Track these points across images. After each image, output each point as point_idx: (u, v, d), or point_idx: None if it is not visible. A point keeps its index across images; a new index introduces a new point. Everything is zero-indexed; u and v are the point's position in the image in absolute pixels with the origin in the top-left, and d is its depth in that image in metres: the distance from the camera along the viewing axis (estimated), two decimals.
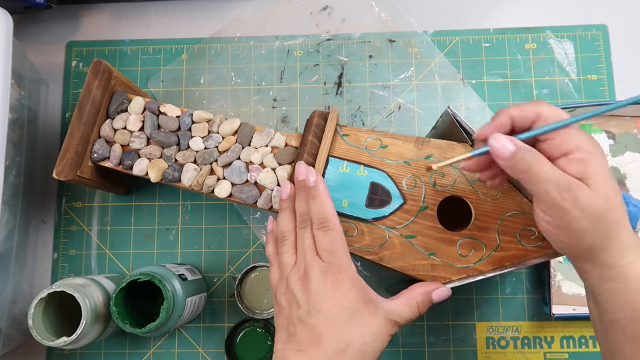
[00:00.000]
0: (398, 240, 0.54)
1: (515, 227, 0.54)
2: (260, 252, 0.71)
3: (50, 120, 0.75)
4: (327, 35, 0.76)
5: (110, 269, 0.71)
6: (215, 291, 0.70)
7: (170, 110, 0.62)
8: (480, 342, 0.68)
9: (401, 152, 0.56)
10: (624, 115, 0.69)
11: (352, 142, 0.57)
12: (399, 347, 0.68)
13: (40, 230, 0.73)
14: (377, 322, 0.48)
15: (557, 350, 0.67)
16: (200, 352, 0.69)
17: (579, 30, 0.74)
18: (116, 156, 0.62)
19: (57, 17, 0.78)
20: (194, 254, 0.71)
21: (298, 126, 0.73)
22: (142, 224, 0.72)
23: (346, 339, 0.46)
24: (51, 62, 0.77)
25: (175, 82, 0.75)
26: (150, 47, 0.77)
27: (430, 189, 0.55)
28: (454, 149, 0.56)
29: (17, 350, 0.69)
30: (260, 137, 0.60)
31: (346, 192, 0.56)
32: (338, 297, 0.47)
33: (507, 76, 0.73)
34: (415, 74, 0.74)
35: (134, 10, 0.78)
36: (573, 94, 0.72)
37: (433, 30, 0.75)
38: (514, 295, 0.68)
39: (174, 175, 0.60)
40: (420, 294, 0.50)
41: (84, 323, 0.55)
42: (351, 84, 0.74)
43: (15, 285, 0.66)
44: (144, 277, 0.58)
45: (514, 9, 0.76)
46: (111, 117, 0.63)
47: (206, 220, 0.72)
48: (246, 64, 0.75)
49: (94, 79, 0.61)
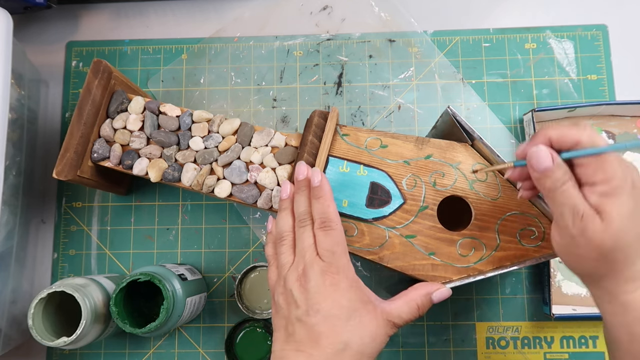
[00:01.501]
0: (398, 240, 0.54)
1: (515, 227, 0.54)
2: (260, 252, 0.71)
3: (50, 120, 0.75)
4: (327, 35, 0.76)
5: (110, 269, 0.71)
6: (215, 291, 0.70)
7: (170, 110, 0.62)
8: (480, 342, 0.68)
9: (401, 151, 0.56)
10: (624, 115, 0.69)
11: (352, 141, 0.57)
12: (399, 347, 0.68)
13: (40, 230, 0.73)
14: (376, 322, 0.48)
15: (557, 350, 0.67)
16: (200, 352, 0.69)
17: (579, 30, 0.74)
18: (116, 156, 0.62)
19: (57, 17, 0.78)
20: (194, 254, 0.71)
21: (298, 126, 0.73)
22: (142, 224, 0.72)
23: (345, 339, 0.46)
24: (51, 62, 0.77)
25: (175, 82, 0.75)
26: (150, 47, 0.77)
27: (430, 188, 0.55)
28: (454, 148, 0.56)
29: (17, 350, 0.69)
30: (260, 136, 0.60)
31: (346, 191, 0.56)
32: (337, 297, 0.47)
33: (507, 76, 0.73)
34: (415, 73, 0.74)
35: (134, 10, 0.78)
36: (573, 93, 0.72)
37: (433, 30, 0.75)
38: (514, 295, 0.68)
39: (174, 175, 0.60)
40: (421, 295, 0.50)
41: (84, 323, 0.55)
42: (351, 83, 0.74)
43: (15, 285, 0.66)
44: (144, 277, 0.58)
45: (514, 9, 0.76)
46: (111, 116, 0.63)
47: (206, 220, 0.72)
48: (246, 64, 0.75)
49: (94, 79, 0.61)
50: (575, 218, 0.42)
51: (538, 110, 0.66)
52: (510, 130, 0.72)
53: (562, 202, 0.43)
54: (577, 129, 0.43)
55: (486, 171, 0.54)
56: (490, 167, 0.54)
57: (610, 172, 0.42)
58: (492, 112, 0.72)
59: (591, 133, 0.43)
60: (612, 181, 0.41)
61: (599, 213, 0.42)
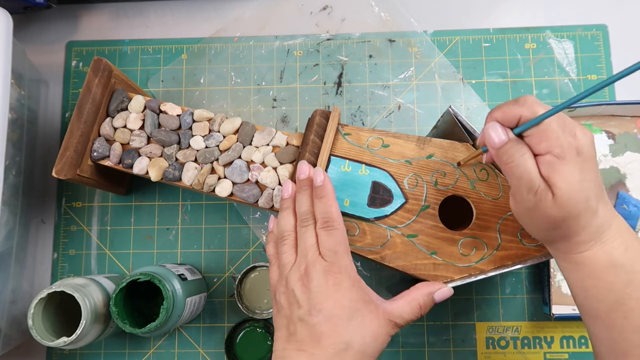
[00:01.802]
0: (400, 239, 0.54)
1: (516, 226, 0.54)
2: (260, 252, 0.71)
3: (50, 120, 0.75)
4: (327, 35, 0.76)
5: (110, 269, 0.71)
6: (215, 291, 0.70)
7: (171, 109, 0.62)
8: (480, 342, 0.68)
9: (403, 151, 0.56)
10: (624, 116, 0.69)
11: (354, 141, 0.57)
12: (399, 347, 0.68)
13: (40, 230, 0.72)
14: (378, 322, 0.48)
15: (557, 350, 0.67)
16: (200, 352, 0.69)
17: (579, 30, 0.74)
18: (116, 155, 0.61)
19: (57, 17, 0.78)
20: (194, 254, 0.71)
21: (298, 126, 0.73)
22: (142, 224, 0.72)
23: (346, 339, 0.46)
24: (51, 62, 0.76)
25: (175, 82, 0.75)
26: (150, 47, 0.77)
27: (431, 188, 0.55)
28: (456, 148, 0.56)
29: (17, 350, 0.69)
30: (261, 136, 0.60)
31: (348, 191, 0.56)
32: (338, 297, 0.47)
33: (507, 76, 0.74)
34: (415, 73, 0.74)
35: (134, 10, 0.78)
36: (573, 93, 0.72)
37: (433, 30, 0.75)
38: (514, 295, 0.68)
39: (175, 174, 0.60)
40: (423, 294, 0.50)
41: (84, 323, 0.55)
42: (351, 83, 0.74)
43: (15, 285, 0.66)
44: (144, 277, 0.57)
45: (514, 9, 0.76)
46: (111, 115, 0.63)
47: (206, 220, 0.72)
48: (246, 64, 0.75)
49: (94, 77, 0.61)
50: (529, 192, 0.43)
51: None
52: None
53: (518, 175, 0.44)
54: (518, 104, 0.44)
55: (467, 161, 0.54)
56: (466, 157, 0.54)
57: (552, 140, 0.42)
58: None
59: (531, 105, 0.43)
60: (554, 149, 0.42)
61: (549, 186, 0.43)
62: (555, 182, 0.42)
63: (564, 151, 0.42)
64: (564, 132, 0.43)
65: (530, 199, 0.44)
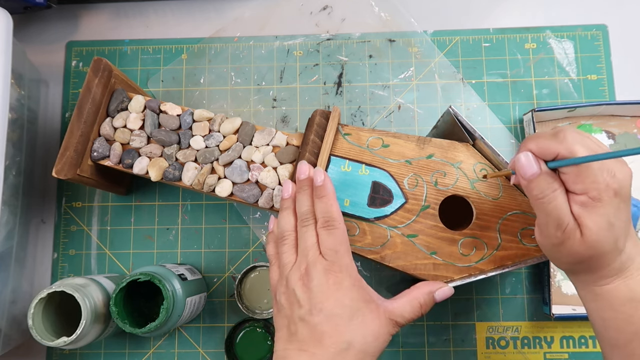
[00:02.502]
0: (400, 239, 0.54)
1: (516, 226, 0.54)
2: (260, 252, 0.71)
3: (50, 120, 0.75)
4: (327, 35, 0.76)
5: (110, 269, 0.71)
6: (215, 291, 0.70)
7: (171, 109, 0.62)
8: (480, 342, 0.68)
9: (403, 151, 0.56)
10: (624, 115, 0.69)
11: (354, 141, 0.57)
12: (399, 347, 0.68)
13: (40, 230, 0.72)
14: (379, 321, 0.48)
15: (557, 350, 0.67)
16: (200, 352, 0.69)
17: (579, 30, 0.74)
18: (116, 155, 0.61)
19: (57, 17, 0.78)
20: (193, 253, 0.71)
21: (298, 126, 0.73)
22: (142, 224, 0.72)
23: (347, 339, 0.46)
24: (51, 62, 0.76)
25: (175, 82, 0.75)
26: (150, 47, 0.76)
27: (431, 188, 0.55)
28: (456, 148, 0.56)
29: (17, 350, 0.69)
30: (261, 136, 0.60)
31: (348, 191, 0.56)
32: (339, 297, 0.47)
33: (507, 76, 0.73)
34: (415, 73, 0.74)
35: (134, 10, 0.78)
36: (573, 93, 0.72)
37: (433, 30, 0.75)
38: (514, 295, 0.68)
39: (175, 174, 0.60)
40: (423, 293, 0.50)
41: (84, 323, 0.55)
42: (351, 83, 0.74)
43: (15, 285, 0.66)
44: (144, 277, 0.57)
45: (514, 9, 0.76)
46: (111, 115, 0.63)
47: (206, 220, 0.71)
48: (246, 64, 0.75)
49: (94, 77, 0.61)
50: (557, 230, 0.43)
51: (538, 110, 0.66)
52: (510, 130, 0.72)
53: (548, 212, 0.43)
54: (556, 140, 0.42)
55: (493, 176, 0.54)
56: (497, 173, 0.53)
57: (588, 183, 0.41)
58: (492, 112, 0.72)
59: (571, 145, 0.41)
60: (590, 192, 0.41)
61: (579, 225, 0.42)
62: (586, 223, 0.41)
63: (601, 194, 0.41)
64: (602, 173, 0.41)
65: (558, 235, 0.43)
